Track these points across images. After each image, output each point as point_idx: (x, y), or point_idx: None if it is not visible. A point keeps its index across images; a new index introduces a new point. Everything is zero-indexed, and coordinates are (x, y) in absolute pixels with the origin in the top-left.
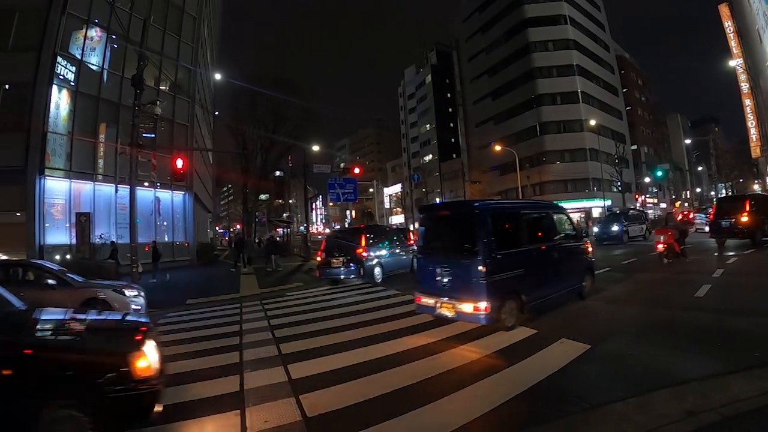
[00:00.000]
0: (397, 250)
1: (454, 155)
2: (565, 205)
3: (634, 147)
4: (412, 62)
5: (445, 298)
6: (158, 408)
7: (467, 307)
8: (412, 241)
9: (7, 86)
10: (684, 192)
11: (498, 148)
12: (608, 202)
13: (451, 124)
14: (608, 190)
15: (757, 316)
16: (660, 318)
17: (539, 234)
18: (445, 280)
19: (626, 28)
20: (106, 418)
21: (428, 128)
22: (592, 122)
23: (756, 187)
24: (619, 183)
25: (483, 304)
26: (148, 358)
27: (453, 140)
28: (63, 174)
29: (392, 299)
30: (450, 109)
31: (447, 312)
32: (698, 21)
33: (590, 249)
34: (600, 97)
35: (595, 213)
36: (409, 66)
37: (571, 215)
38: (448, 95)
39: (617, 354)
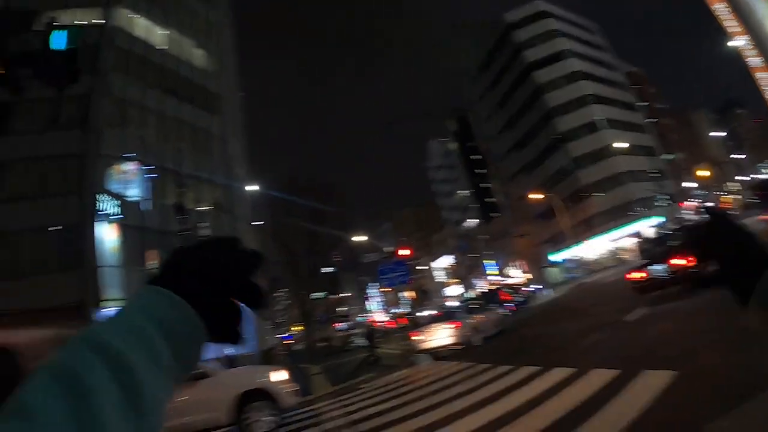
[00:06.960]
0: None
1: (496, 214)
2: (617, 232)
3: (671, 156)
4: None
5: None
6: None
7: None
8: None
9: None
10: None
11: (536, 196)
12: (662, 219)
13: (487, 185)
14: (654, 207)
15: None
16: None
17: None
18: None
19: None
20: None
21: (463, 194)
22: (622, 145)
23: None
24: (667, 197)
25: None
26: None
27: (491, 200)
28: (118, 304)
29: None
30: (482, 170)
31: None
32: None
33: None
34: (622, 118)
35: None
36: (430, 140)
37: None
38: (476, 157)
39: (707, 371)
